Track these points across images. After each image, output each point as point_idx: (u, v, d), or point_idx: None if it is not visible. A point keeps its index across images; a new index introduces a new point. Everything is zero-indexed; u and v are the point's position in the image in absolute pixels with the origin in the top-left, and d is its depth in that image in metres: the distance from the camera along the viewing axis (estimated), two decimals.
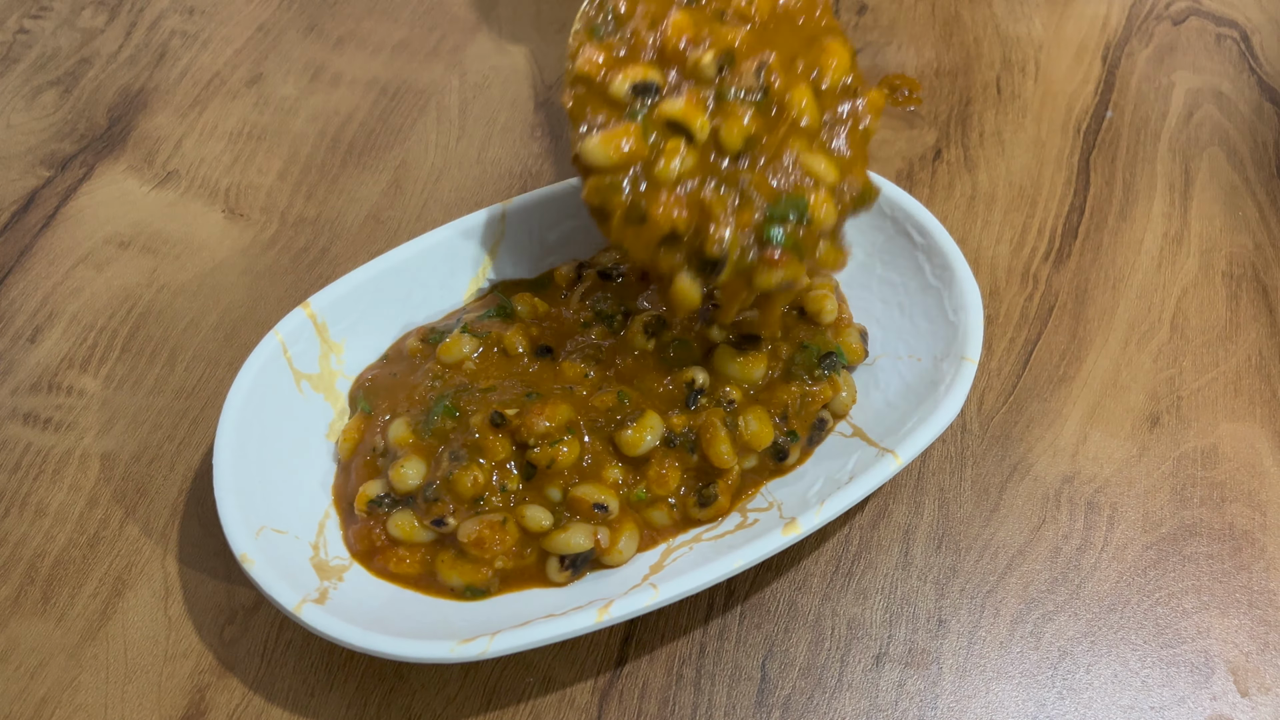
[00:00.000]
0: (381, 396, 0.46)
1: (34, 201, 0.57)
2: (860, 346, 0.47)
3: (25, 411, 0.49)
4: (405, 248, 0.48)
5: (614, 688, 0.42)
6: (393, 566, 0.42)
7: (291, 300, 0.53)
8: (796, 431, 0.44)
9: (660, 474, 0.42)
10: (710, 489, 0.42)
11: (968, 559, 0.45)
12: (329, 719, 0.41)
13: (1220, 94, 0.63)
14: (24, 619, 0.44)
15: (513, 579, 0.42)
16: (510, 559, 0.41)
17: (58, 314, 0.53)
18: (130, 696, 0.42)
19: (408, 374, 0.46)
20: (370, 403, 0.46)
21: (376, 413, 0.45)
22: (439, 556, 0.42)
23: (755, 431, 0.43)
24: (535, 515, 0.41)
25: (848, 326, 0.48)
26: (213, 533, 0.46)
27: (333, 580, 0.41)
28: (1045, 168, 0.59)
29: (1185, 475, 0.48)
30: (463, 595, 0.42)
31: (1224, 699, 0.42)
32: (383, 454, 0.44)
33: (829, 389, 0.45)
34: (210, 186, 0.58)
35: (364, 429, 0.45)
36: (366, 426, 0.45)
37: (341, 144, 0.60)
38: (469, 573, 0.41)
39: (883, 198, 0.50)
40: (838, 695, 0.42)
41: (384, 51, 0.65)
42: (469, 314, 0.48)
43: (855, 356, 0.47)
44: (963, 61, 0.64)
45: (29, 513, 0.46)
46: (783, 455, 0.44)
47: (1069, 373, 0.51)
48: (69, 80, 0.63)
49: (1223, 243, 0.56)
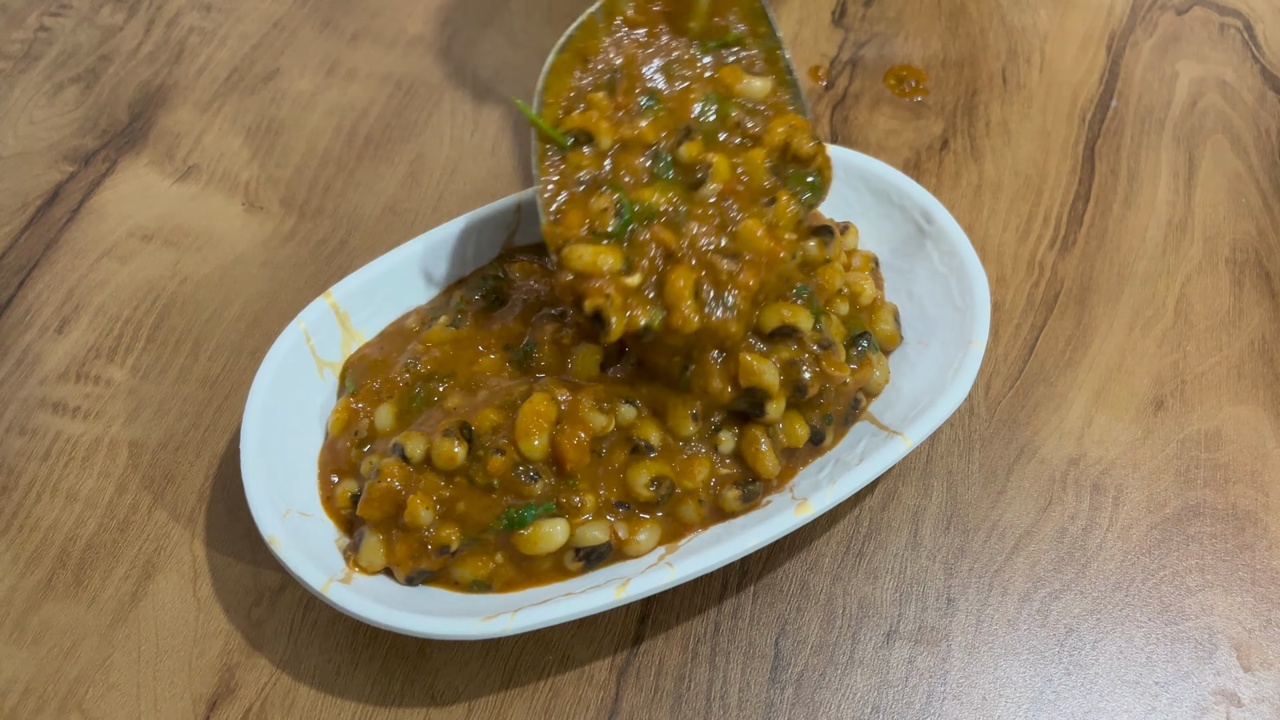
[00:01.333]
0: (367, 375, 0.46)
1: (58, 196, 0.58)
2: (895, 331, 0.48)
3: (54, 401, 0.51)
4: (423, 238, 0.49)
5: (631, 665, 0.43)
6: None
7: (311, 291, 0.54)
8: (831, 415, 0.45)
9: (690, 470, 0.43)
10: (755, 485, 0.43)
11: (976, 539, 0.46)
12: (355, 697, 0.42)
13: (1224, 83, 0.63)
14: (57, 602, 0.45)
15: (523, 577, 0.42)
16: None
17: (84, 306, 0.54)
18: (162, 676, 0.43)
19: (395, 354, 0.47)
20: (355, 381, 0.47)
21: (361, 391, 0.46)
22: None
23: (792, 434, 0.44)
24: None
25: (882, 308, 0.48)
26: (238, 517, 0.47)
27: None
28: (1051, 156, 0.60)
29: (1189, 457, 0.49)
30: (470, 589, 0.42)
31: (1227, 674, 0.43)
32: (364, 440, 0.44)
33: (865, 370, 0.45)
34: (230, 180, 0.59)
35: (351, 409, 0.46)
36: (353, 405, 0.46)
37: (358, 138, 0.61)
38: (477, 567, 0.42)
39: (891, 186, 0.51)
40: (849, 672, 0.43)
41: (398, 47, 0.66)
42: (462, 289, 0.49)
43: (890, 342, 0.48)
44: (969, 52, 0.65)
45: (60, 499, 0.48)
46: (820, 439, 0.45)
47: (1075, 358, 0.52)
48: (90, 77, 0.64)
49: (1226, 229, 0.57)
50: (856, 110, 0.62)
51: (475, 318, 0.47)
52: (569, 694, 0.43)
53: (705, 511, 0.43)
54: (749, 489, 0.42)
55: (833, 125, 0.61)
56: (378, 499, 0.41)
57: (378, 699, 0.42)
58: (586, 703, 0.42)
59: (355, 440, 0.45)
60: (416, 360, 0.46)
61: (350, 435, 0.45)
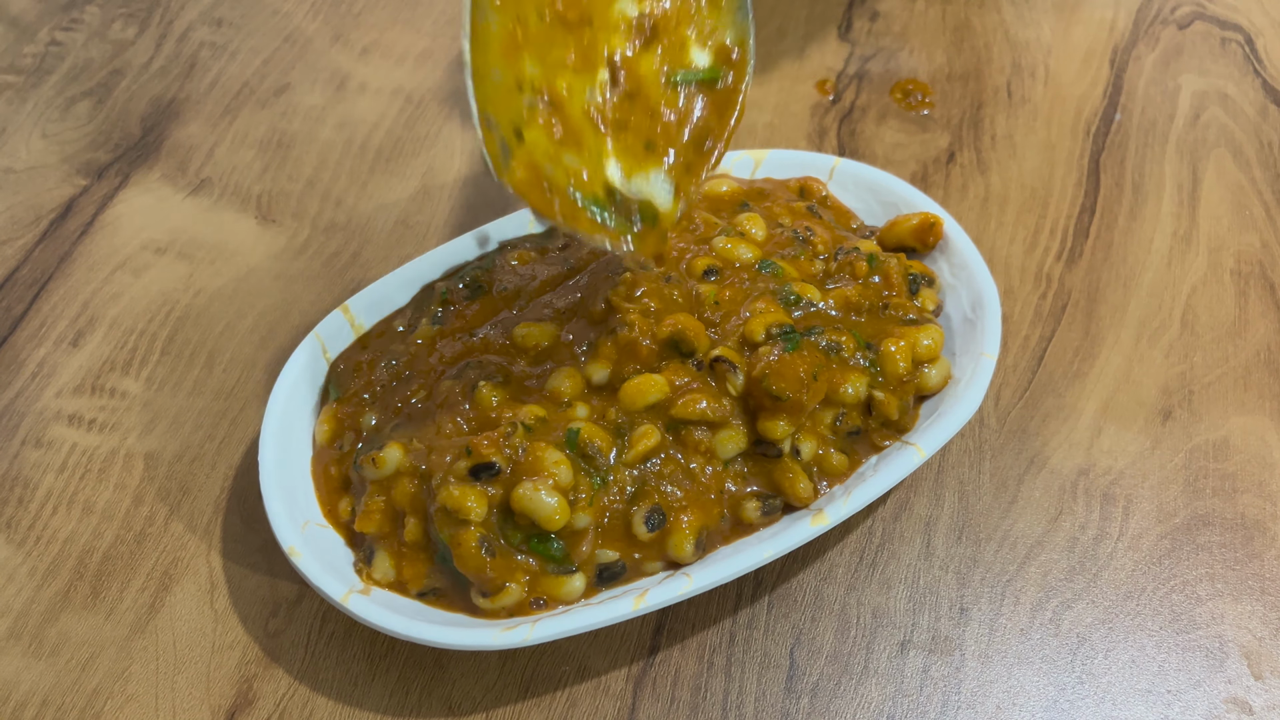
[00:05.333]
0: (351, 380, 0.46)
1: (72, 209, 0.59)
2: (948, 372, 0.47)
3: (70, 413, 0.51)
4: (437, 252, 0.50)
5: (647, 675, 0.43)
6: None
7: (324, 304, 0.54)
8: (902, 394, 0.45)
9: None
10: (775, 500, 0.43)
11: (988, 549, 0.47)
12: (372, 708, 0.43)
13: (1226, 96, 0.64)
14: (75, 613, 0.45)
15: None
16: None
17: (98, 319, 0.54)
18: (180, 687, 0.43)
19: (380, 356, 0.47)
20: (340, 388, 0.47)
21: (347, 397, 0.46)
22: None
23: (829, 466, 0.44)
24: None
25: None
26: (254, 528, 0.47)
27: None
28: (1056, 169, 0.60)
29: (1197, 467, 0.49)
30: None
31: (1238, 682, 0.43)
32: (353, 449, 0.44)
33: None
34: (242, 194, 0.60)
35: (339, 416, 0.46)
36: (340, 413, 0.46)
37: (369, 151, 0.62)
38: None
39: (900, 198, 0.52)
40: (864, 681, 0.43)
41: (408, 61, 0.66)
42: (445, 281, 0.49)
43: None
44: (973, 66, 0.66)
45: (76, 510, 0.48)
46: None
47: (1083, 369, 0.52)
48: (102, 91, 0.64)
49: (1230, 241, 0.57)
50: (864, 123, 0.63)
51: (457, 311, 0.47)
52: (586, 704, 0.43)
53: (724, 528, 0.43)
54: (769, 503, 0.43)
55: (840, 138, 0.62)
56: (376, 514, 0.42)
57: (395, 710, 0.43)
58: (603, 713, 0.43)
59: (340, 452, 0.45)
60: (397, 361, 0.46)
61: (339, 444, 0.45)
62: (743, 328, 0.44)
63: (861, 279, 0.47)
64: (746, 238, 0.48)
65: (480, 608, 0.40)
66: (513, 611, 0.40)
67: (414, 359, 0.46)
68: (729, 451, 0.42)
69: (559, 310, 0.46)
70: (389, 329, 0.48)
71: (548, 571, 0.40)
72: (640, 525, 0.41)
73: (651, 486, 0.41)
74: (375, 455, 0.42)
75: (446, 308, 0.48)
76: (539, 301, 0.47)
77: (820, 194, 0.52)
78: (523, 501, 0.39)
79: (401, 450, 0.42)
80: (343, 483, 0.44)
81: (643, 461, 0.42)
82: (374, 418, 0.45)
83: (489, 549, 0.40)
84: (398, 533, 0.42)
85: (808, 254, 0.48)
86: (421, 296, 0.49)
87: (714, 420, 0.42)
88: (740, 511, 0.43)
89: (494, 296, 0.48)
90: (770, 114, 0.63)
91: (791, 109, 0.64)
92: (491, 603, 0.40)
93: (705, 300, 0.45)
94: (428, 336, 0.47)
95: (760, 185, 0.52)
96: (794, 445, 0.43)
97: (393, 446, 0.42)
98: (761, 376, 0.42)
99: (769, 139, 0.62)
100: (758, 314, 0.44)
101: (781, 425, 0.42)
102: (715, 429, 0.42)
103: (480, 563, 0.39)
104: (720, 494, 0.43)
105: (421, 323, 0.47)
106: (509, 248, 0.50)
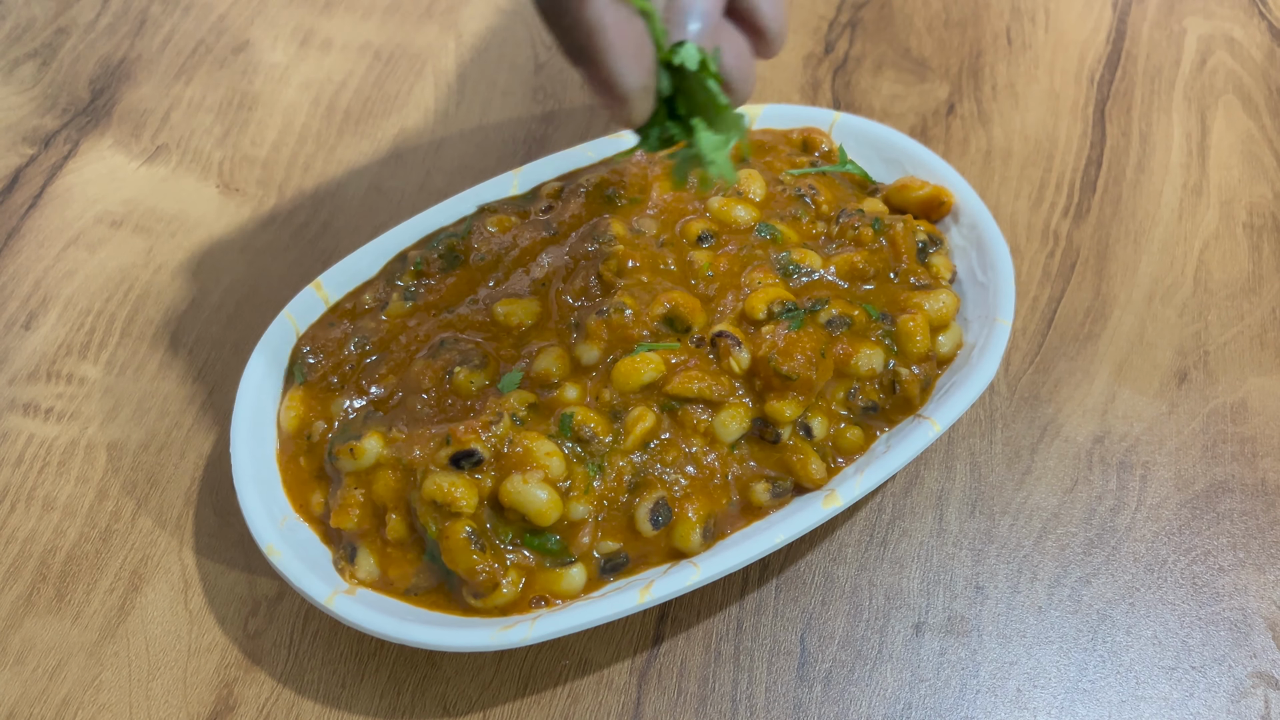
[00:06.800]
0: (316, 360, 0.43)
1: (18, 181, 0.55)
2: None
3: (25, 402, 0.47)
4: (416, 220, 0.47)
5: (652, 667, 0.41)
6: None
7: (294, 278, 0.51)
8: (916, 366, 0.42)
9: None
10: (785, 481, 0.41)
11: (1002, 523, 0.45)
12: (362, 710, 0.40)
13: (1232, 40, 0.61)
14: (39, 618, 0.42)
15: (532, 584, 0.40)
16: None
17: (52, 298, 0.51)
18: (155, 694, 0.40)
19: (348, 335, 0.44)
20: (304, 371, 0.43)
21: (312, 381, 0.43)
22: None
23: (845, 442, 0.42)
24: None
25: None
26: (229, 521, 0.44)
27: None
28: (1060, 120, 0.58)
29: (1215, 431, 0.47)
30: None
31: (1264, 655, 0.42)
32: (323, 437, 0.42)
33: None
34: (202, 160, 0.56)
35: (308, 401, 0.43)
36: (310, 398, 0.43)
37: (336, 112, 0.58)
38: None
39: (904, 154, 0.49)
40: (879, 666, 0.41)
41: (375, 13, 0.62)
42: (419, 250, 0.46)
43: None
44: (971, 11, 0.63)
45: (36, 507, 0.45)
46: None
47: (1094, 330, 0.50)
48: (46, 52, 0.60)
49: (1242, 193, 0.55)
50: (859, 75, 0.60)
51: (434, 284, 0.44)
52: (588, 700, 0.41)
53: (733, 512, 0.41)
54: (779, 485, 0.40)
55: (834, 90, 0.59)
56: (354, 508, 0.39)
57: (386, 712, 0.40)
58: (607, 708, 0.40)
59: (310, 442, 0.42)
60: (368, 340, 0.43)
61: (308, 433, 0.42)
62: (742, 305, 0.41)
63: (867, 245, 0.44)
64: (744, 197, 0.45)
65: (474, 607, 0.38)
66: (510, 609, 0.38)
67: (385, 339, 0.43)
68: (731, 432, 0.40)
69: (537, 281, 0.43)
70: (357, 303, 0.45)
71: (545, 566, 0.38)
72: (645, 523, 0.38)
73: (654, 475, 0.39)
74: (353, 445, 0.39)
75: (420, 280, 0.45)
76: (519, 272, 0.44)
77: (823, 147, 0.49)
78: (512, 496, 0.37)
79: (381, 440, 0.39)
80: (314, 474, 0.41)
81: (641, 446, 0.39)
82: (346, 403, 0.42)
83: (479, 543, 0.37)
84: (379, 529, 0.39)
85: (810, 214, 0.45)
86: (393, 266, 0.46)
87: (713, 399, 0.40)
88: (749, 494, 0.40)
89: (471, 266, 0.45)
90: (760, 65, 0.60)
91: (783, 60, 0.60)
92: (484, 604, 0.37)
93: (699, 270, 0.42)
94: (400, 314, 0.44)
95: (760, 137, 0.50)
96: (805, 424, 0.40)
97: (372, 436, 0.39)
98: (769, 356, 0.39)
99: (760, 93, 0.59)
100: (757, 288, 0.41)
101: (790, 407, 0.39)
102: (716, 408, 0.40)
103: (470, 558, 0.37)
104: (727, 478, 0.40)
105: (393, 298, 0.44)
106: (488, 212, 0.47)
